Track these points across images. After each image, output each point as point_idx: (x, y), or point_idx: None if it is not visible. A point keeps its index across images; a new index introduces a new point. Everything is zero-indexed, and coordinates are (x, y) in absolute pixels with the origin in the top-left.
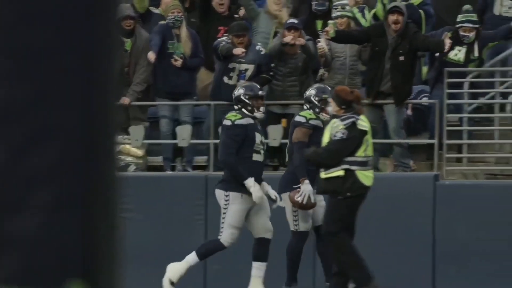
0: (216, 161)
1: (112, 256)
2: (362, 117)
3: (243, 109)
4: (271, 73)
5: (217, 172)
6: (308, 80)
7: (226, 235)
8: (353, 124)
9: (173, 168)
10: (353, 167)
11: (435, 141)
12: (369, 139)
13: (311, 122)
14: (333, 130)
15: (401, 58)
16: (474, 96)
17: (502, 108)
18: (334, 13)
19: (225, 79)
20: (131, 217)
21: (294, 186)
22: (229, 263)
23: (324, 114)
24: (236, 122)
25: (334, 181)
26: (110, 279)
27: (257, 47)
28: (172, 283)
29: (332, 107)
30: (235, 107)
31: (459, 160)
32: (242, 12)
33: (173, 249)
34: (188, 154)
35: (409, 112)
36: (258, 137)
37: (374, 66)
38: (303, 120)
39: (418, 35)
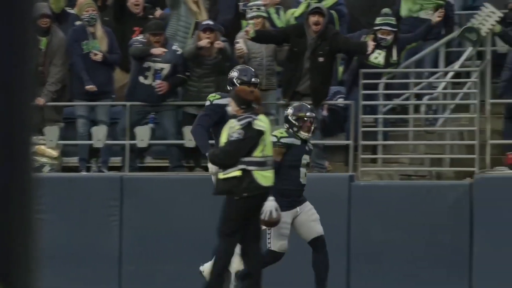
0: (132, 162)
1: (27, 257)
2: (260, 117)
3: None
4: (187, 73)
5: (132, 173)
6: (225, 81)
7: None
8: (249, 124)
9: (88, 169)
10: (250, 167)
11: (350, 142)
12: (267, 139)
13: (282, 140)
14: (230, 130)
15: (321, 59)
16: (389, 97)
17: (417, 109)
18: (250, 14)
19: (141, 78)
20: (46, 218)
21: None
22: (144, 264)
23: (302, 132)
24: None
25: (230, 181)
26: (25, 279)
27: (174, 47)
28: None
29: (231, 107)
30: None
31: (374, 161)
32: (158, 13)
33: (88, 249)
34: (104, 154)
35: (324, 113)
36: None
37: (291, 67)
38: (274, 139)
39: (339, 36)
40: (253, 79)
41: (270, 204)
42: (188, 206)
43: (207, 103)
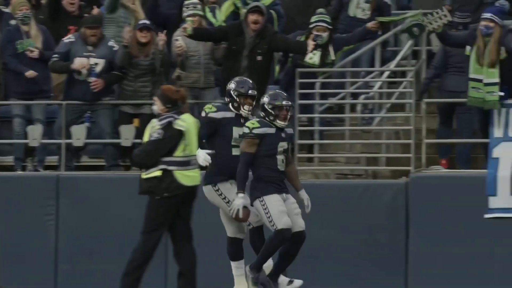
0: (68, 161)
1: None
2: (184, 116)
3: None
4: (123, 71)
5: (68, 172)
6: (160, 79)
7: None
8: (169, 124)
9: (24, 168)
10: (170, 167)
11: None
12: (189, 139)
13: (254, 131)
14: (151, 130)
15: (259, 58)
16: (325, 96)
17: (353, 108)
18: (186, 12)
19: (75, 74)
20: None
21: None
22: (80, 263)
23: (279, 121)
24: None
25: (151, 181)
26: None
27: (110, 43)
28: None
29: (157, 106)
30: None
31: (310, 160)
32: (95, 11)
33: (23, 249)
34: (39, 154)
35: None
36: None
37: (229, 65)
38: (246, 130)
39: (278, 36)
40: (250, 91)
41: (237, 202)
42: (124, 205)
43: (203, 114)
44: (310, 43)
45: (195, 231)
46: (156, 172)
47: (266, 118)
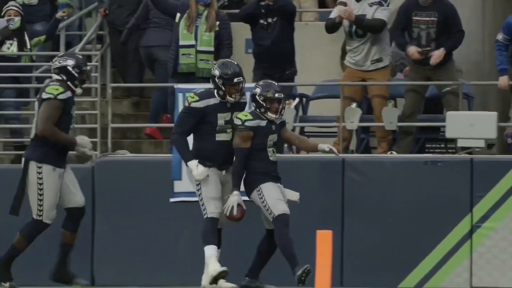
0: None
1: None
2: None
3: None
4: None
5: None
6: None
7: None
8: None
9: None
10: None
11: None
12: None
13: (246, 124)
14: None
15: None
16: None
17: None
18: None
19: None
20: None
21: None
22: None
23: (270, 113)
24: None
25: None
26: None
27: None
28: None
29: None
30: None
31: None
32: None
33: None
34: None
35: None
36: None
37: None
38: (238, 122)
39: None
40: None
41: (232, 199)
42: None
43: (186, 103)
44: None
45: None
46: None
47: (257, 110)
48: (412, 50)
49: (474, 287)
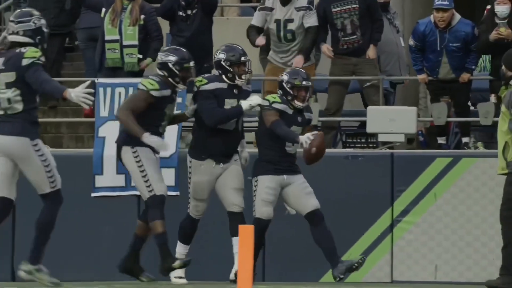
0: None
1: None
2: None
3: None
4: None
5: None
6: None
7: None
8: None
9: None
10: None
11: None
12: None
13: (274, 105)
14: None
15: None
16: None
17: None
18: None
19: None
20: None
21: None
22: None
23: (297, 101)
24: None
25: None
26: None
27: None
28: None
29: None
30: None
31: None
32: None
33: None
34: None
35: None
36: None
37: None
38: (266, 103)
39: None
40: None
41: (304, 137)
42: None
43: (195, 88)
44: None
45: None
46: None
47: (283, 97)
48: (324, 48)
49: (395, 281)
